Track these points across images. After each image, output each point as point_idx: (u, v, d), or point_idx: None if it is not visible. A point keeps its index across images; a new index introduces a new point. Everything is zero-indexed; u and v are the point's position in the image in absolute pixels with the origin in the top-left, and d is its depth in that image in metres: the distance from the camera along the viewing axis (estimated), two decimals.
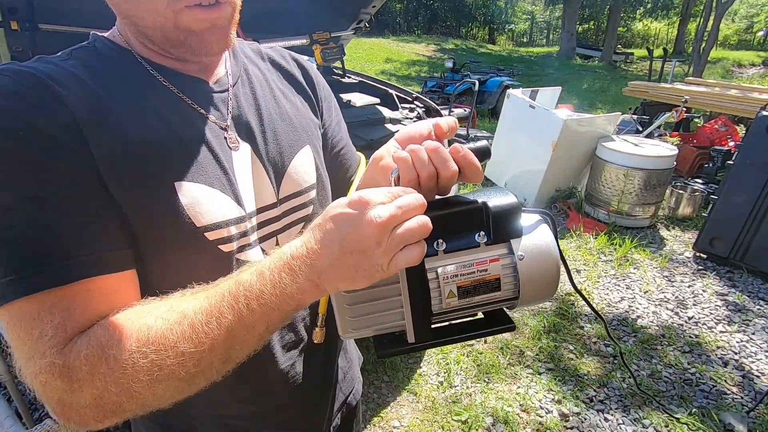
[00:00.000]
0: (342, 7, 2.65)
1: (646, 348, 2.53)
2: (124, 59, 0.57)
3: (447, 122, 0.53)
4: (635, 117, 5.79)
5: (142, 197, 0.51)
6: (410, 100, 2.92)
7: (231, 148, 0.60)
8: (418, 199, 0.44)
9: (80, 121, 0.48)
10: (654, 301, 2.98)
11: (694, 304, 2.93)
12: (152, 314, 0.46)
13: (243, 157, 0.61)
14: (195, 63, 0.59)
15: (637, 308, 2.90)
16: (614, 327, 2.72)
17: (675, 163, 3.88)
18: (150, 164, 0.52)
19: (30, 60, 0.52)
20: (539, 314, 2.78)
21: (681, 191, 4.06)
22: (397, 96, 2.82)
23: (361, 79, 2.97)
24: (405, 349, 0.50)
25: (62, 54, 0.55)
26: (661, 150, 3.79)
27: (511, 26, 29.87)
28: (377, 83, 2.98)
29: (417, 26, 25.25)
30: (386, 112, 2.51)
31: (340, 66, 2.92)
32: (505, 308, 0.53)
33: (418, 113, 2.70)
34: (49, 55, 0.54)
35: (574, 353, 2.49)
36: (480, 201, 0.48)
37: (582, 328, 2.69)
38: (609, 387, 2.26)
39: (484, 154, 0.50)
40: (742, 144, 3.24)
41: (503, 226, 0.48)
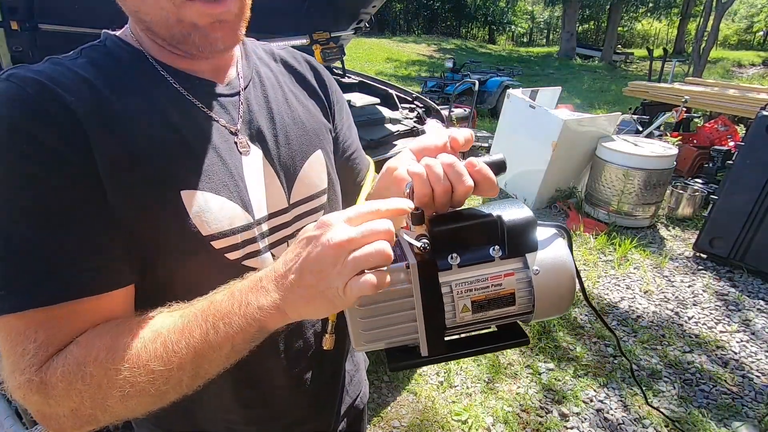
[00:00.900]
0: (342, 7, 2.65)
1: (647, 348, 2.53)
2: (135, 59, 0.56)
3: (464, 135, 0.52)
4: (635, 117, 5.78)
5: (148, 205, 0.51)
6: (410, 100, 2.92)
7: (241, 153, 0.58)
8: (383, 225, 0.42)
9: (85, 129, 0.48)
10: (654, 301, 2.98)
11: (694, 304, 2.93)
12: (128, 331, 0.46)
13: (253, 162, 0.59)
14: (206, 63, 0.58)
15: (637, 308, 2.90)
16: (614, 327, 2.72)
17: (675, 163, 3.88)
18: (156, 172, 0.51)
19: (40, 62, 0.52)
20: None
21: (681, 191, 4.06)
22: (397, 96, 2.82)
23: (361, 79, 2.97)
24: (418, 363, 0.49)
25: (72, 53, 0.55)
26: (661, 150, 3.79)
27: (512, 26, 29.88)
28: (377, 83, 2.98)
29: (417, 26, 25.25)
30: (386, 112, 2.51)
31: (340, 66, 2.92)
32: (520, 322, 0.52)
33: (418, 113, 2.70)
34: (58, 56, 0.54)
35: (574, 353, 2.49)
36: (495, 214, 0.47)
37: (582, 327, 2.69)
38: (609, 387, 2.26)
39: (500, 167, 0.49)
40: (742, 144, 3.24)
41: (518, 240, 0.47)
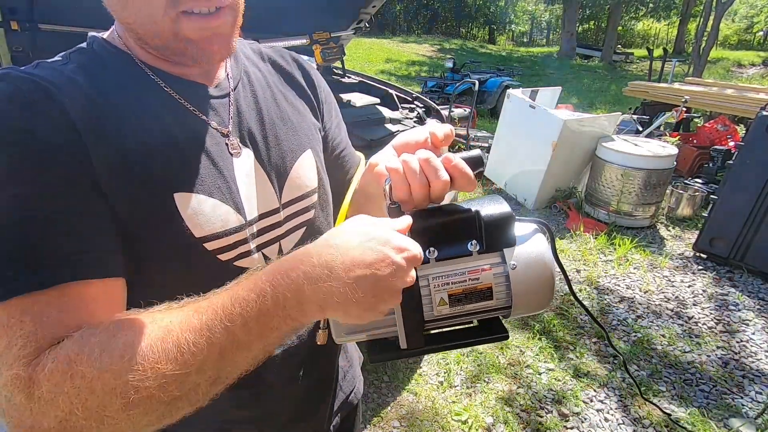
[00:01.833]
0: (342, 7, 2.65)
1: (646, 348, 2.53)
2: (123, 63, 0.56)
3: (443, 130, 0.53)
4: (635, 117, 5.79)
5: (141, 208, 0.51)
6: (410, 100, 2.92)
7: (232, 155, 0.59)
8: (420, 255, 0.45)
9: (80, 128, 0.48)
10: (654, 301, 2.98)
11: (694, 304, 2.93)
12: (131, 328, 0.41)
13: (244, 163, 0.60)
14: (196, 67, 0.59)
15: (637, 308, 2.90)
16: (614, 327, 2.72)
17: (675, 163, 3.88)
18: (149, 174, 0.51)
19: (28, 66, 0.52)
20: (539, 314, 2.78)
21: (681, 191, 4.06)
22: (397, 96, 2.82)
23: (361, 79, 2.97)
24: (396, 355, 0.50)
25: (60, 58, 0.55)
26: (661, 150, 3.79)
27: (512, 26, 29.88)
28: (377, 83, 2.99)
29: (417, 26, 25.26)
30: (386, 112, 2.51)
31: (340, 66, 2.92)
32: (501, 317, 0.52)
33: (418, 113, 2.70)
34: (47, 60, 0.53)
35: (574, 353, 2.49)
36: (473, 209, 0.48)
37: (582, 328, 2.69)
38: (609, 387, 2.26)
39: (476, 163, 0.50)
40: (742, 144, 3.24)
41: (496, 235, 0.48)
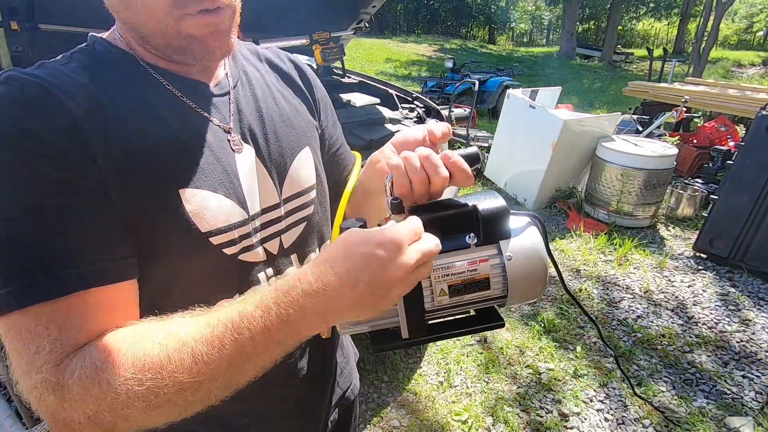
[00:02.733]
0: (342, 7, 2.65)
1: (646, 348, 2.53)
2: (125, 62, 0.56)
3: (440, 128, 0.56)
4: (635, 117, 5.78)
5: (147, 204, 0.51)
6: (410, 100, 2.92)
7: (234, 151, 0.60)
8: (437, 246, 0.47)
9: (83, 128, 0.48)
10: (654, 301, 2.98)
11: (694, 304, 2.93)
12: (150, 339, 0.45)
13: (246, 160, 0.61)
14: (196, 65, 0.59)
15: (637, 308, 2.90)
16: (614, 327, 2.72)
17: (675, 163, 3.88)
18: (154, 171, 0.52)
19: (31, 67, 0.52)
20: (539, 314, 2.78)
21: (681, 191, 4.06)
22: (397, 96, 2.82)
23: (361, 79, 2.97)
24: (399, 345, 0.52)
25: (62, 58, 0.55)
26: (661, 150, 3.79)
27: (512, 26, 29.88)
28: (377, 83, 2.99)
29: (417, 26, 25.25)
30: (386, 112, 2.51)
31: (340, 66, 2.92)
32: (496, 306, 0.55)
33: (418, 113, 2.70)
34: (49, 60, 0.54)
35: (574, 353, 2.49)
36: (470, 204, 0.51)
37: (582, 327, 2.69)
38: (609, 387, 2.26)
39: (474, 159, 0.52)
40: (742, 144, 3.24)
41: (492, 228, 0.50)
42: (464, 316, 0.55)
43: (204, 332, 0.44)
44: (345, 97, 2.57)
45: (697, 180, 4.50)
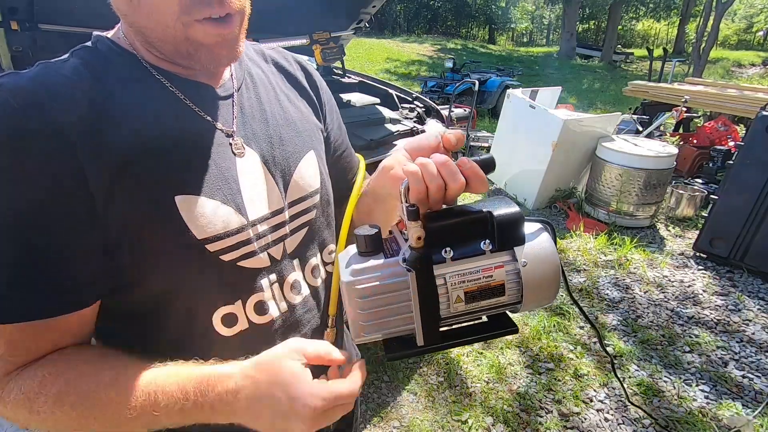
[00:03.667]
0: (342, 7, 2.65)
1: (646, 348, 2.54)
2: (127, 62, 0.56)
3: (455, 135, 0.55)
4: (635, 117, 5.78)
5: (143, 212, 0.51)
6: (410, 100, 2.92)
7: (236, 155, 0.59)
8: (352, 391, 0.54)
9: (74, 142, 0.48)
10: (654, 301, 2.98)
11: (694, 304, 2.93)
12: (86, 379, 0.50)
13: (249, 164, 0.60)
14: (201, 69, 0.59)
15: (637, 308, 2.90)
16: (614, 327, 2.72)
17: (675, 163, 3.88)
18: (150, 177, 0.52)
19: (29, 69, 0.51)
20: (539, 314, 2.78)
21: (681, 191, 4.06)
22: (397, 96, 2.82)
23: (361, 79, 2.97)
24: (413, 352, 0.52)
25: (63, 56, 0.54)
26: (661, 150, 3.79)
27: (512, 26, 29.88)
28: (377, 83, 2.98)
29: (417, 26, 25.25)
30: (386, 112, 2.51)
31: (340, 66, 2.92)
32: (508, 311, 0.55)
33: (418, 113, 2.70)
34: (49, 60, 0.53)
35: (574, 353, 2.49)
36: (485, 210, 0.50)
37: (582, 328, 2.69)
38: (609, 387, 2.26)
39: (489, 166, 0.52)
40: (742, 144, 3.24)
41: (507, 234, 0.50)
42: (476, 322, 0.55)
43: (128, 388, 0.50)
44: (345, 97, 2.57)
45: (697, 180, 4.50)
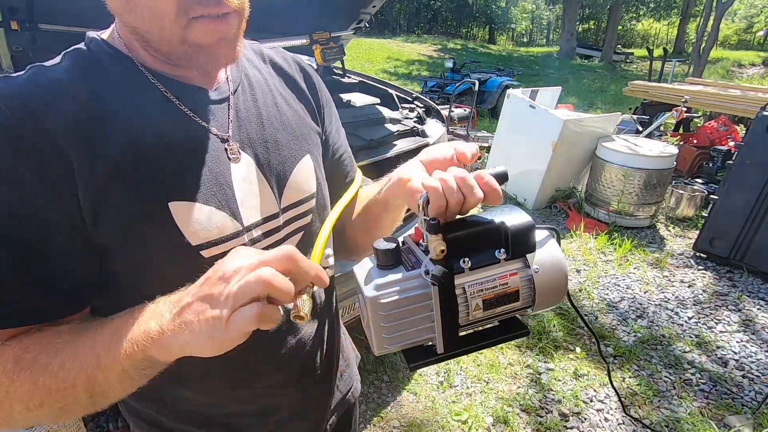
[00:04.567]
0: (342, 7, 2.64)
1: (646, 348, 2.53)
2: (122, 65, 0.54)
3: (471, 150, 0.57)
4: (635, 117, 5.78)
5: (136, 218, 0.51)
6: (410, 100, 2.92)
7: (231, 160, 0.58)
8: (265, 269, 0.41)
9: (64, 150, 0.48)
10: (654, 301, 2.98)
11: (694, 304, 2.93)
12: (37, 345, 0.47)
13: (244, 169, 0.60)
14: (198, 70, 0.58)
15: (637, 308, 2.90)
16: (614, 327, 2.72)
17: (675, 163, 3.88)
18: (144, 184, 0.51)
19: (21, 73, 0.51)
20: (539, 314, 2.78)
21: (681, 191, 4.06)
22: (397, 96, 2.82)
23: (361, 79, 2.97)
24: (434, 360, 0.53)
25: (56, 59, 0.54)
26: (661, 150, 3.79)
27: (512, 26, 29.88)
28: (377, 83, 2.98)
29: (417, 26, 25.25)
30: (386, 112, 2.50)
31: (340, 66, 2.92)
32: (519, 315, 0.57)
33: (418, 113, 2.70)
34: (42, 63, 0.52)
35: (575, 353, 2.49)
36: (497, 221, 0.52)
37: (582, 328, 2.69)
38: (609, 387, 2.26)
39: (503, 178, 0.54)
40: (742, 144, 3.24)
41: (520, 243, 0.52)
42: (489, 326, 0.56)
43: (77, 340, 0.47)
44: (345, 97, 2.57)
45: (697, 180, 4.50)
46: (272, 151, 0.63)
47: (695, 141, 5.18)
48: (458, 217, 0.53)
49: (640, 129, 5.12)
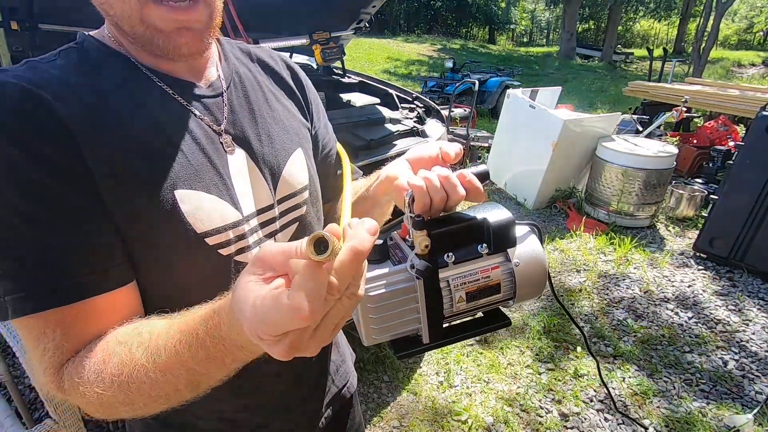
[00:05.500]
0: (342, 7, 2.64)
1: (646, 348, 2.54)
2: (114, 61, 0.56)
3: (454, 150, 0.59)
4: (635, 117, 5.78)
5: (142, 207, 0.52)
6: (410, 100, 2.92)
7: (226, 152, 0.60)
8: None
9: (74, 132, 0.48)
10: (654, 301, 2.98)
11: (694, 304, 2.93)
12: (126, 346, 0.48)
13: (239, 161, 0.61)
14: (183, 64, 0.59)
15: (637, 308, 2.90)
16: (614, 327, 2.72)
17: (675, 163, 3.88)
18: (148, 174, 0.52)
19: (18, 66, 0.51)
20: (539, 314, 2.78)
21: (681, 191, 4.06)
22: (397, 96, 2.82)
23: (361, 79, 2.97)
24: (420, 350, 0.56)
25: (49, 56, 0.55)
26: (661, 150, 3.79)
27: (512, 26, 29.88)
28: (377, 83, 2.98)
29: (417, 26, 25.25)
30: (386, 112, 2.50)
31: (340, 66, 2.92)
32: (501, 307, 0.60)
33: (418, 113, 2.70)
34: (36, 58, 0.53)
35: (574, 353, 2.49)
36: (480, 217, 0.55)
37: (582, 328, 2.69)
38: (609, 387, 2.26)
39: (484, 176, 0.57)
40: (742, 144, 3.24)
41: (502, 238, 0.55)
42: (473, 318, 0.59)
43: (166, 340, 0.47)
44: (345, 97, 2.57)
45: (697, 180, 4.50)
46: (265, 144, 0.65)
47: (695, 141, 5.18)
48: (442, 214, 0.56)
49: (640, 129, 5.12)
